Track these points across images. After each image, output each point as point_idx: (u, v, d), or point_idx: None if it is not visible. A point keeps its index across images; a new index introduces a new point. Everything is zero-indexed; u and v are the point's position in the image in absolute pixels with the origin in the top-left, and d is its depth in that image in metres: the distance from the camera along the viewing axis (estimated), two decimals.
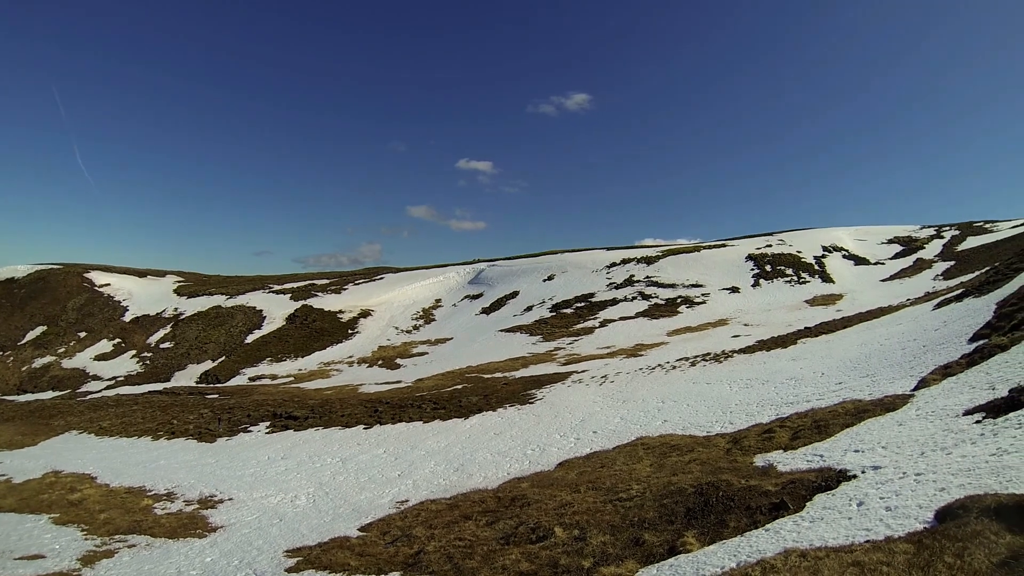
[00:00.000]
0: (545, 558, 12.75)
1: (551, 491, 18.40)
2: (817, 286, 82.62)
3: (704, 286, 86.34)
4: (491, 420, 32.30)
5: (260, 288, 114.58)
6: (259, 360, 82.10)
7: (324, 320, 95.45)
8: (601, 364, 47.72)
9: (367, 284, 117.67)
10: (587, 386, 37.59)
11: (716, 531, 11.83)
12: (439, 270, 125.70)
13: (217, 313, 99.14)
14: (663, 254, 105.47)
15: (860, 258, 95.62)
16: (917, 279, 74.51)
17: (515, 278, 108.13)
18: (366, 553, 16.24)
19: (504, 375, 50.26)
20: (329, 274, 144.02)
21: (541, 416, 31.18)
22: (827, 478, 12.30)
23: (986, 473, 9.07)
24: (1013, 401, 12.21)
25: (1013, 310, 23.91)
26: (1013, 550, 6.45)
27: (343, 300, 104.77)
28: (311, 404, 43.54)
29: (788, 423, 19.71)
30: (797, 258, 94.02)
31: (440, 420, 34.08)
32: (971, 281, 46.31)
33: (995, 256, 66.59)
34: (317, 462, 28.82)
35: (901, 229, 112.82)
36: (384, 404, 40.45)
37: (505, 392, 39.65)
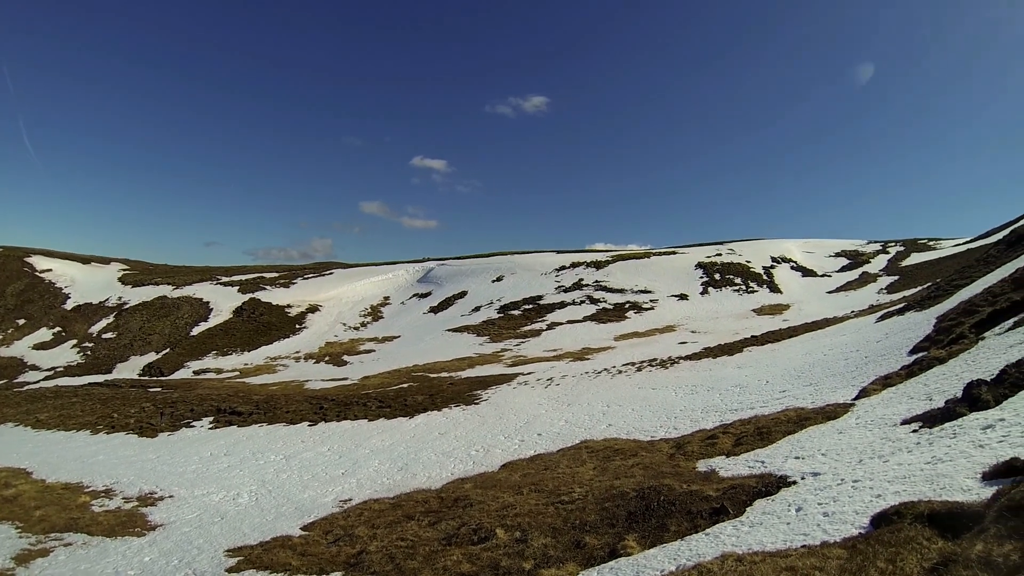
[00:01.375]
0: (486, 559, 12.74)
1: (494, 492, 18.40)
2: (765, 296, 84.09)
3: (653, 292, 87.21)
4: (436, 420, 32.17)
5: (208, 279, 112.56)
6: (204, 353, 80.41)
7: (272, 314, 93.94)
8: (547, 367, 47.91)
9: (316, 279, 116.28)
10: (533, 388, 37.68)
11: (657, 535, 11.91)
12: (389, 267, 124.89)
13: (163, 304, 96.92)
14: (613, 259, 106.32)
15: (808, 270, 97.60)
16: (862, 292, 76.25)
17: (464, 278, 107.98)
18: (308, 553, 16.06)
19: (450, 375, 50.18)
20: (278, 267, 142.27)
21: (486, 417, 31.16)
22: (768, 484, 12.48)
23: (921, 480, 9.28)
24: (949, 412, 12.54)
25: (952, 324, 24.58)
26: (944, 555, 6.58)
27: (292, 294, 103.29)
28: (256, 400, 42.87)
29: (731, 429, 20.01)
30: (746, 268, 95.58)
31: (385, 419, 33.85)
32: (913, 296, 47.54)
33: (937, 272, 68.51)
34: (261, 459, 28.37)
35: (849, 243, 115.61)
36: (330, 401, 40.08)
37: (451, 392, 39.57)
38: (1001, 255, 41.82)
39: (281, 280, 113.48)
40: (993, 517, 6.84)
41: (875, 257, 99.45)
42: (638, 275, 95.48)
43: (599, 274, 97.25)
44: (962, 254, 78.13)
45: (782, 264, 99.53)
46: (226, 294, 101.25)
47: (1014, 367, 13.96)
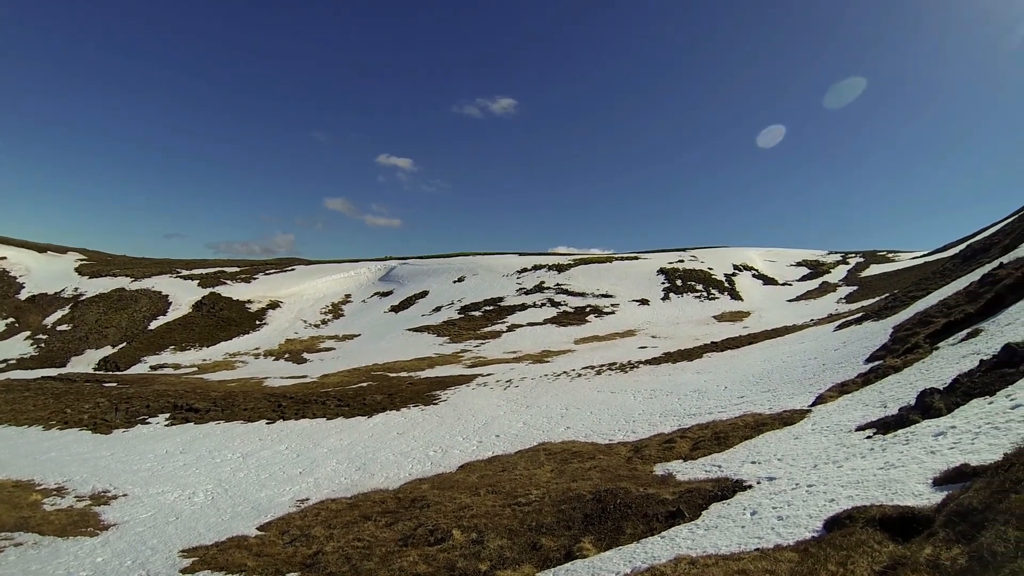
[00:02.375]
0: (443, 560, 12.69)
1: (451, 493, 18.36)
2: (726, 303, 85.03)
3: (614, 297, 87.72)
4: (395, 420, 32.04)
5: (167, 272, 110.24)
6: (162, 348, 78.71)
7: (232, 309, 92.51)
8: (507, 368, 47.94)
9: (278, 275, 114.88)
10: (492, 390, 37.68)
11: (613, 537, 11.96)
12: (351, 265, 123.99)
13: (120, 296, 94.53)
14: (575, 262, 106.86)
15: (769, 278, 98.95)
16: (822, 301, 77.45)
17: (426, 278, 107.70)
18: (264, 553, 15.85)
19: (410, 375, 49.97)
20: (240, 262, 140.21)
21: (445, 418, 31.10)
22: (724, 488, 12.61)
23: (874, 485, 9.43)
24: (902, 419, 12.78)
25: (907, 334, 25.06)
26: (895, 559, 6.68)
27: (253, 290, 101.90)
28: (214, 396, 42.26)
29: (689, 434, 20.20)
30: (708, 275, 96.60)
31: (344, 417, 33.67)
32: (871, 305, 48.46)
33: (895, 283, 69.83)
34: (217, 457, 27.97)
35: (810, 253, 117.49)
36: (288, 399, 39.73)
37: (410, 392, 39.44)
38: (957, 268, 42.79)
39: (242, 275, 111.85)
40: (942, 522, 6.97)
41: (835, 267, 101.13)
42: (600, 279, 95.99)
43: (561, 277, 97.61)
44: (919, 267, 79.74)
45: (744, 272, 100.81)
46: (186, 288, 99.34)
47: (966, 376, 14.29)
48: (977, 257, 42.36)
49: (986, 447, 9.26)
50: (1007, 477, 6.94)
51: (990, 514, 6.35)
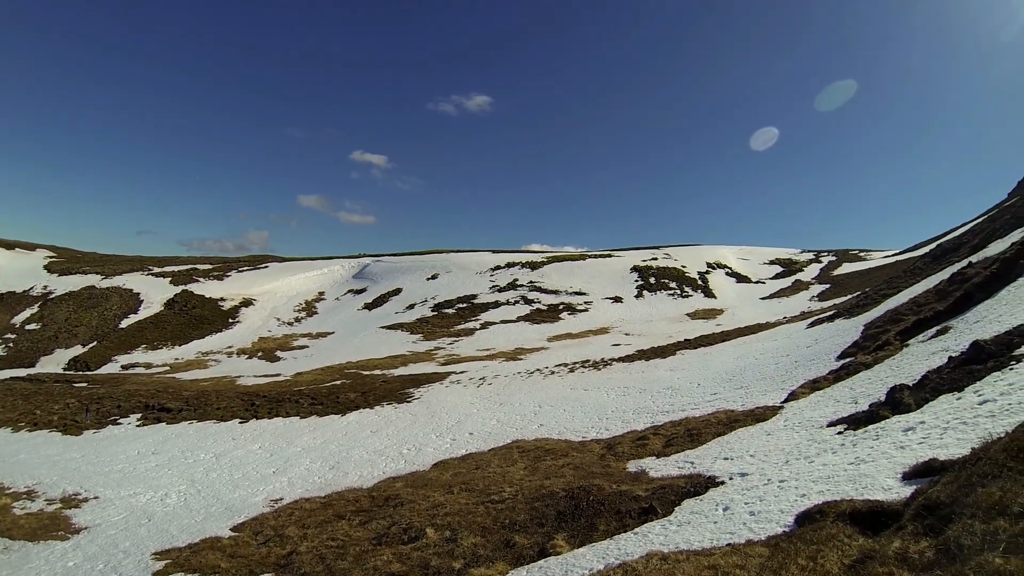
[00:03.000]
0: (416, 559, 12.68)
1: (425, 491, 18.36)
2: (699, 300, 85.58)
3: (587, 294, 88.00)
4: (368, 418, 31.95)
5: (139, 269, 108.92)
6: (134, 347, 77.66)
7: (205, 307, 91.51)
8: (480, 366, 47.95)
9: (251, 272, 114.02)
10: (465, 387, 37.67)
11: (586, 534, 12.00)
12: (324, 262, 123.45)
13: (91, 294, 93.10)
14: (548, 260, 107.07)
15: (742, 276, 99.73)
16: (794, 299, 78.16)
17: (399, 275, 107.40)
18: (237, 554, 15.77)
19: (383, 372, 49.90)
20: (213, 259, 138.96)
21: (418, 415, 31.05)
22: (696, 484, 12.69)
23: (844, 480, 9.54)
24: (872, 415, 12.94)
25: (878, 331, 25.39)
26: (864, 552, 6.75)
27: (226, 287, 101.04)
28: (186, 396, 41.85)
29: (662, 431, 20.33)
30: (681, 272, 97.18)
31: (317, 416, 33.55)
32: (843, 304, 48.98)
33: (866, 282, 70.62)
34: (190, 458, 27.71)
35: (783, 251, 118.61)
36: (262, 398, 39.49)
37: (383, 390, 39.36)
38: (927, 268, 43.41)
39: (215, 272, 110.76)
40: (911, 515, 7.06)
41: (808, 266, 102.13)
42: (573, 277, 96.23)
43: (534, 275, 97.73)
44: (891, 265, 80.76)
45: (717, 270, 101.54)
46: (158, 285, 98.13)
47: (935, 373, 14.51)
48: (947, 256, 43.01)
49: (954, 442, 9.40)
50: (974, 471, 7.04)
51: (957, 508, 6.44)
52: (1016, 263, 21.90)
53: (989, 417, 9.87)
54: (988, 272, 23.13)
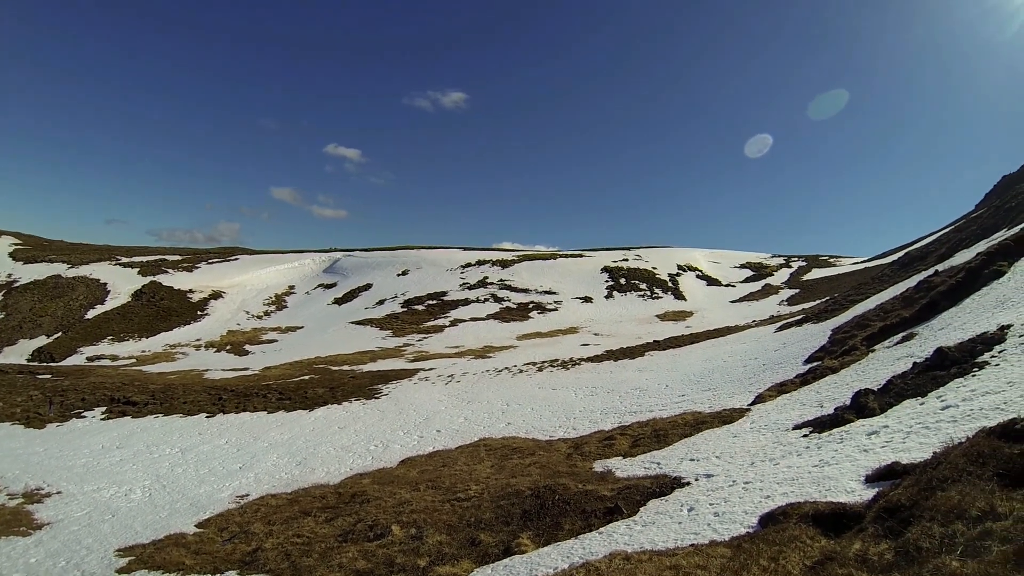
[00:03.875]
0: (382, 556, 12.70)
1: (391, 488, 18.33)
2: (669, 302, 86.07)
3: (558, 294, 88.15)
4: (336, 413, 31.79)
5: (107, 259, 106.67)
6: (100, 338, 76.16)
7: (173, 299, 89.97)
8: (449, 363, 47.90)
9: (221, 264, 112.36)
10: (433, 384, 37.62)
11: (551, 533, 12.06)
12: (295, 256, 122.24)
13: (56, 283, 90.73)
14: (519, 259, 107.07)
15: (713, 279, 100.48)
16: (764, 303, 78.89)
17: (370, 270, 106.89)
18: (202, 551, 15.61)
19: (352, 368, 49.65)
20: (182, 250, 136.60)
21: (386, 412, 30.96)
22: (662, 485, 12.81)
23: (808, 482, 9.68)
24: (837, 418, 13.15)
25: (845, 336, 25.78)
26: (825, 554, 6.86)
27: (195, 279, 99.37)
28: (152, 389, 41.12)
29: (629, 431, 20.48)
30: (652, 274, 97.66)
31: (285, 411, 33.26)
32: (812, 308, 49.56)
33: (835, 288, 71.49)
34: (155, 452, 27.22)
35: (754, 256, 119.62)
36: (229, 392, 39.02)
37: (352, 385, 39.19)
38: (895, 275, 44.15)
39: (184, 264, 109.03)
40: (872, 517, 7.18)
41: (778, 270, 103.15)
42: (543, 276, 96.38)
43: (504, 273, 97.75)
44: (859, 272, 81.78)
45: (688, 272, 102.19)
46: (126, 276, 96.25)
47: (900, 378, 14.77)
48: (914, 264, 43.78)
49: (917, 446, 9.57)
50: (934, 475, 7.18)
51: (917, 511, 6.57)
52: (981, 273, 22.36)
53: (951, 422, 10.07)
54: (953, 281, 23.58)
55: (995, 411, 9.66)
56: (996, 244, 26.06)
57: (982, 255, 24.72)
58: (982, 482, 6.45)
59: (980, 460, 6.99)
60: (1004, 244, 24.71)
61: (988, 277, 21.56)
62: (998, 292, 19.56)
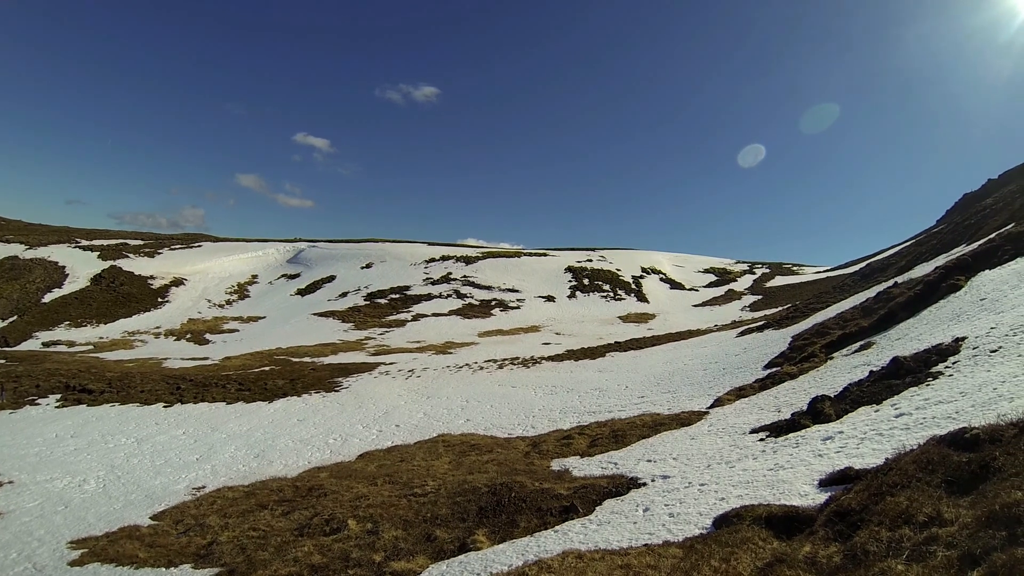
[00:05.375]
0: (337, 551, 12.65)
1: (349, 482, 18.29)
2: (632, 304, 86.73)
3: (520, 292, 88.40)
4: (296, 406, 31.61)
5: (66, 241, 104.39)
6: (56, 323, 74.36)
7: (133, 285, 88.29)
8: (410, 358, 47.84)
9: (184, 251, 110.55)
10: (394, 379, 37.57)
11: (507, 530, 12.12)
12: (260, 245, 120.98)
13: (13, 265, 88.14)
14: (483, 256, 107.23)
15: (676, 282, 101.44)
16: (726, 308, 79.87)
17: (334, 262, 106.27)
18: (156, 544, 15.36)
19: (313, 360, 49.42)
20: (145, 235, 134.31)
21: (346, 405, 30.88)
22: (618, 485, 12.93)
23: (763, 485, 9.85)
24: (794, 423, 13.40)
25: (805, 343, 26.23)
26: (776, 555, 7.01)
27: (156, 265, 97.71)
28: (109, 377, 40.44)
29: (588, 431, 20.65)
30: (616, 275, 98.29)
31: (244, 402, 32.99)
32: (774, 315, 50.32)
33: (797, 295, 72.60)
34: (110, 442, 26.75)
35: (718, 261, 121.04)
36: (188, 382, 38.56)
37: (312, 377, 39.03)
38: (855, 285, 45.00)
39: (146, 249, 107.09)
40: (823, 521, 7.35)
41: (742, 276, 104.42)
42: (507, 274, 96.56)
43: (468, 269, 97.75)
44: (822, 281, 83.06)
45: (651, 275, 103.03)
46: (85, 259, 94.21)
47: (856, 385, 15.10)
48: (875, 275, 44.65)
49: (870, 452, 9.80)
50: (885, 481, 7.37)
51: (866, 515, 6.74)
52: (938, 286, 22.89)
53: (904, 430, 10.32)
54: (912, 293, 24.13)
55: (947, 420, 9.92)
56: (954, 259, 26.72)
57: (940, 269, 25.32)
58: (931, 488, 6.64)
59: (930, 467, 7.19)
60: (962, 259, 25.33)
61: (945, 291, 22.08)
62: (954, 305, 20.04)
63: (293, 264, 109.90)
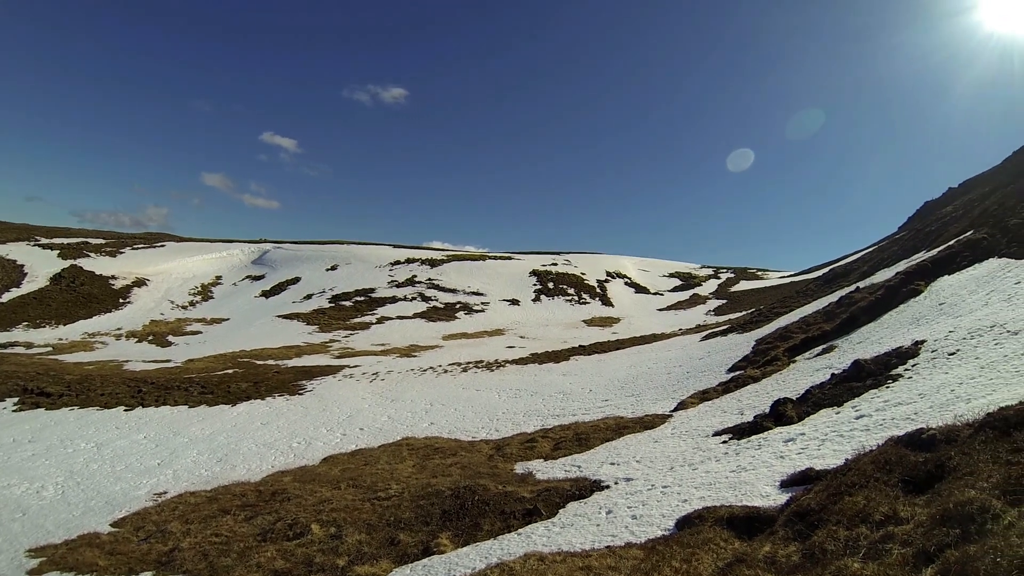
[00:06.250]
0: (301, 556, 12.62)
1: (312, 486, 18.21)
2: (597, 308, 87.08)
3: (485, 295, 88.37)
4: (259, 409, 31.27)
5: (24, 239, 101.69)
6: (14, 324, 72.32)
7: (94, 285, 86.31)
8: (374, 361, 47.62)
9: (147, 250, 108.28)
10: (358, 382, 37.39)
11: (470, 534, 12.16)
12: (224, 245, 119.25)
13: None
14: (448, 259, 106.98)
15: (641, 287, 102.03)
16: (691, 312, 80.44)
17: (299, 263, 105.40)
18: (117, 551, 15.13)
19: (277, 363, 48.94)
20: (107, 233, 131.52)
21: (309, 408, 30.65)
22: (582, 487, 13.02)
23: (725, 487, 9.99)
24: (756, 426, 13.61)
25: (768, 347, 26.60)
26: (737, 555, 7.12)
27: (118, 265, 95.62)
28: (69, 380, 39.51)
29: (552, 434, 20.74)
30: (580, 279, 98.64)
31: (207, 405, 32.48)
32: (738, 319, 50.90)
33: (761, 300, 73.40)
34: (69, 447, 26.18)
35: (683, 265, 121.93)
36: (149, 384, 37.84)
37: (276, 380, 38.64)
38: (818, 290, 45.67)
39: (108, 248, 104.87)
40: (783, 521, 7.48)
41: (707, 281, 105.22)
42: (472, 277, 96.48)
43: (433, 272, 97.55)
44: (786, 286, 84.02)
45: (616, 279, 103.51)
46: (45, 258, 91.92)
47: (818, 388, 15.36)
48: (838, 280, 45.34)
49: (831, 453, 9.99)
50: (844, 481, 7.52)
51: (825, 515, 6.88)
52: (899, 291, 23.38)
53: (864, 431, 10.54)
54: (873, 298, 24.60)
55: (906, 421, 10.16)
56: (915, 265, 27.29)
57: (901, 274, 25.84)
58: (888, 488, 6.79)
59: (887, 467, 7.35)
60: (922, 265, 25.89)
61: (906, 295, 22.55)
62: (914, 310, 20.48)
63: (258, 265, 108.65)
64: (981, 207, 32.83)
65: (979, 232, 25.68)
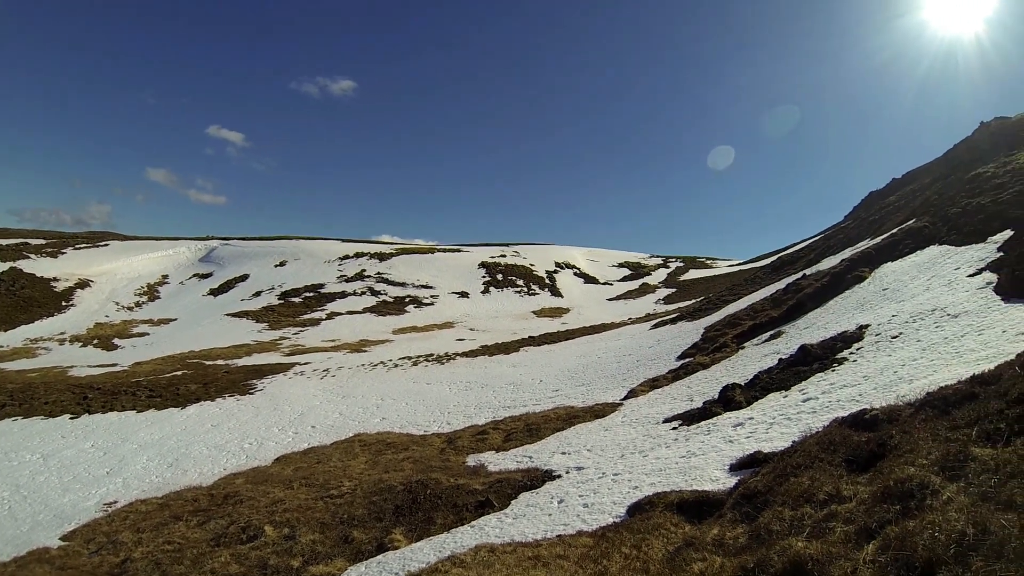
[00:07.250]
0: (255, 559, 12.53)
1: (265, 487, 18.04)
2: (546, 299, 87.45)
3: (434, 288, 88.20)
4: (210, 410, 30.78)
5: None
6: None
7: (35, 287, 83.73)
8: (324, 357, 47.26)
9: (90, 250, 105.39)
10: (309, 379, 37.10)
11: (424, 528, 12.21)
12: (170, 243, 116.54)
13: None
14: (397, 252, 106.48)
15: (590, 277, 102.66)
16: (641, 301, 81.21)
17: (247, 260, 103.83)
18: (67, 566, 14.85)
19: (227, 362, 48.22)
20: (47, 233, 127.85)
21: (261, 408, 30.31)
22: (533, 478, 13.12)
23: (675, 473, 10.16)
24: (706, 411, 13.85)
25: (717, 334, 27.01)
26: (687, 539, 7.26)
27: (60, 266, 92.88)
28: (11, 389, 38.39)
29: (503, 425, 20.83)
30: (530, 270, 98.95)
31: (156, 409, 31.83)
32: (687, 307, 51.51)
33: (711, 288, 74.40)
34: (14, 459, 25.47)
35: (632, 255, 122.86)
36: (95, 390, 36.92)
37: (226, 381, 38.10)
38: (767, 277, 46.52)
39: (49, 248, 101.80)
40: (731, 504, 7.66)
41: (656, 270, 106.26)
42: (421, 270, 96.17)
43: (382, 266, 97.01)
44: (734, 274, 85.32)
45: (566, 270, 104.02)
46: None
47: (766, 373, 15.69)
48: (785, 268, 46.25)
49: (779, 436, 10.23)
50: (790, 462, 7.72)
51: (771, 496, 7.06)
52: (844, 277, 23.97)
53: (811, 413, 10.80)
54: (819, 284, 25.18)
55: (851, 402, 10.43)
56: (860, 252, 27.94)
57: (846, 261, 26.47)
58: (832, 467, 6.99)
59: (831, 447, 7.56)
60: (867, 252, 26.53)
61: (851, 281, 23.11)
62: (859, 295, 21.00)
63: (205, 263, 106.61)
64: (923, 197, 33.71)
65: (921, 221, 26.38)
